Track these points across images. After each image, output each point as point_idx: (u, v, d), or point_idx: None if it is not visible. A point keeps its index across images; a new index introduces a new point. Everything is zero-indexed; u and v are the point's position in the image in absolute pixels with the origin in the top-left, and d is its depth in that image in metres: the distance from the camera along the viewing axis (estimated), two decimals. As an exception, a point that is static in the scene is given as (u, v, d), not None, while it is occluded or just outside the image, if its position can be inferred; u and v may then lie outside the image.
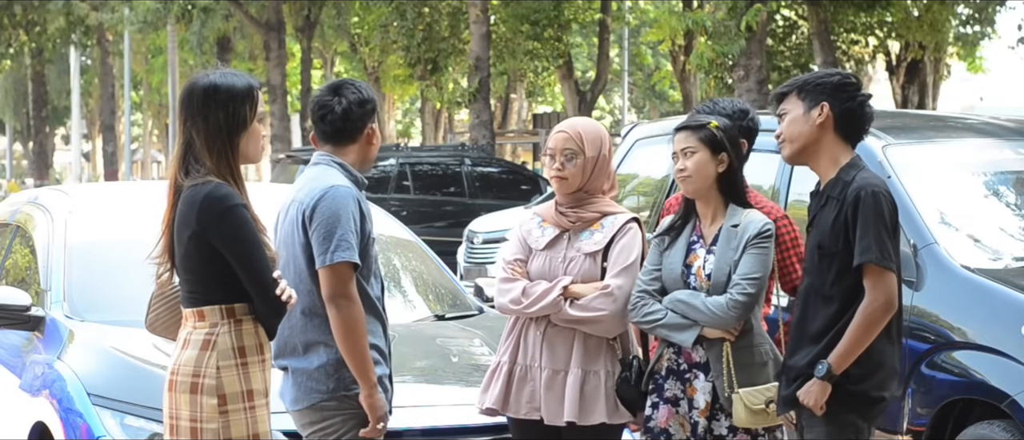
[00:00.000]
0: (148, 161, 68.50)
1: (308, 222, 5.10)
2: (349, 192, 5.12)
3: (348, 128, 5.24)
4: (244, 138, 4.71)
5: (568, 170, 5.41)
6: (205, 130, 4.66)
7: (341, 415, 5.13)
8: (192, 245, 4.63)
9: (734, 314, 5.20)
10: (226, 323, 4.65)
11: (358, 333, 5.04)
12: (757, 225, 5.28)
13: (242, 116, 4.70)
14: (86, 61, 52.30)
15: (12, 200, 8.44)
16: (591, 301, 5.31)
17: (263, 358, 4.72)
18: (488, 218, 18.12)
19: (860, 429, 4.99)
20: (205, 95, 4.69)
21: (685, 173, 5.33)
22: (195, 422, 4.64)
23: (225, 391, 4.62)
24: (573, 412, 5.30)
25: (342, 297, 5.04)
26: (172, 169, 4.72)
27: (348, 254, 5.03)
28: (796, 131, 5.08)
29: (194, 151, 4.67)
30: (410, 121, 62.71)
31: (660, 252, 5.40)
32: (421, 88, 31.42)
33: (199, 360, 4.64)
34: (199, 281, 4.68)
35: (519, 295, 5.37)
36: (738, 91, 20.11)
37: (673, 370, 5.37)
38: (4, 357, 6.91)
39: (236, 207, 4.59)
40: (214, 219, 4.58)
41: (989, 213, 7.11)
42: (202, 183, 4.62)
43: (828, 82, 5.08)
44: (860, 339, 4.89)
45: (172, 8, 32.64)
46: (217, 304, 4.65)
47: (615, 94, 53.51)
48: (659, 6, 35.80)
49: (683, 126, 5.41)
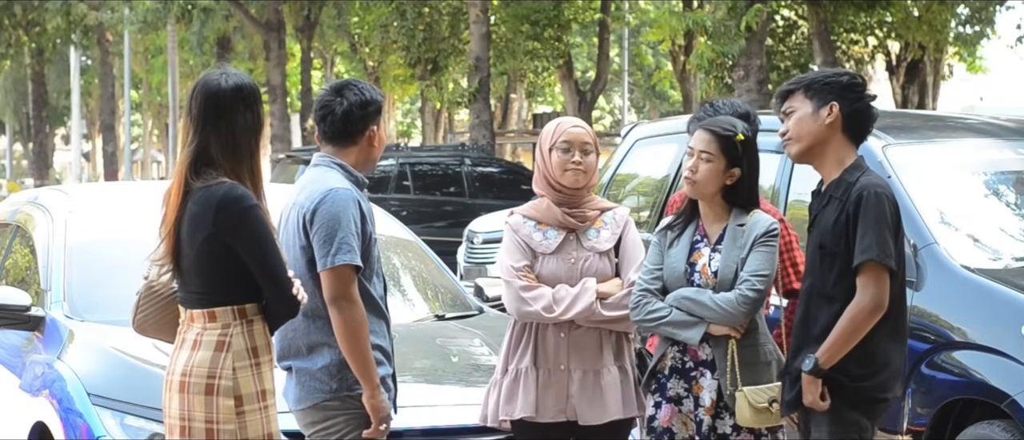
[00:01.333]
0: (148, 161, 68.48)
1: (309, 225, 5.10)
2: (349, 194, 5.12)
3: (348, 129, 5.24)
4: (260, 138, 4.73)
5: (586, 163, 5.43)
6: (232, 132, 4.62)
7: (344, 415, 5.14)
8: (206, 247, 4.61)
9: (744, 310, 5.20)
10: (239, 324, 4.64)
11: (360, 334, 5.05)
12: (764, 224, 5.29)
13: (262, 115, 4.72)
14: (86, 61, 52.28)
15: (12, 200, 8.44)
16: (623, 299, 5.35)
17: (271, 358, 4.73)
18: (488, 218, 18.11)
19: (864, 428, 4.99)
20: (234, 96, 4.64)
21: (693, 177, 5.33)
22: (211, 423, 4.61)
23: (241, 392, 4.61)
24: (618, 410, 5.35)
25: (344, 299, 5.04)
26: (182, 172, 4.65)
27: (349, 257, 5.03)
28: (804, 130, 5.06)
29: (210, 153, 4.62)
30: (410, 121, 62.71)
31: (661, 251, 5.40)
32: (421, 88, 31.41)
33: (214, 361, 4.61)
34: (211, 282, 4.65)
35: (550, 302, 5.34)
36: (738, 91, 20.10)
37: (677, 368, 5.37)
38: (4, 357, 6.91)
39: (254, 207, 4.60)
40: (232, 220, 4.57)
41: (989, 213, 7.11)
42: (216, 184, 4.59)
43: (837, 81, 5.06)
44: (846, 337, 4.88)
45: (172, 8, 32.62)
46: (230, 305, 4.64)
47: (615, 94, 53.52)
48: (659, 6, 35.84)
49: (707, 127, 5.38)
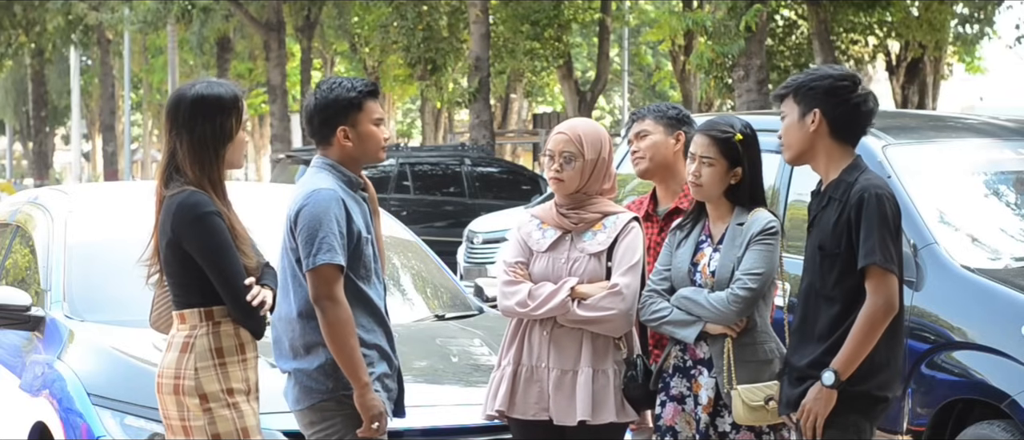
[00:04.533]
0: (148, 161, 68.40)
1: (294, 227, 5.14)
2: (331, 194, 5.12)
3: (319, 131, 5.25)
4: (229, 148, 4.81)
5: (566, 173, 5.41)
6: (190, 142, 4.80)
7: (341, 415, 5.14)
8: (169, 251, 4.81)
9: (734, 309, 5.21)
10: (204, 325, 4.81)
11: (345, 334, 5.05)
12: (761, 222, 5.29)
13: (228, 128, 4.84)
14: (86, 61, 52.30)
15: (12, 200, 8.44)
16: (600, 301, 5.31)
17: (244, 357, 4.86)
18: (488, 218, 18.13)
19: (863, 429, 4.99)
20: (193, 107, 4.81)
21: (698, 181, 5.34)
22: (184, 421, 4.81)
23: (205, 390, 4.78)
24: (585, 411, 5.31)
25: (326, 299, 5.05)
26: (156, 178, 4.86)
27: (329, 256, 5.04)
28: (792, 138, 5.06)
29: (177, 161, 4.80)
30: (410, 121, 62.69)
31: (670, 251, 5.42)
32: (421, 88, 31.40)
33: (179, 362, 4.81)
34: (179, 285, 4.84)
35: (525, 297, 5.36)
36: (738, 91, 20.10)
37: (679, 367, 5.39)
38: (4, 357, 6.91)
39: (207, 215, 4.75)
40: (186, 226, 4.74)
41: (989, 213, 7.10)
42: (178, 192, 4.77)
43: (819, 86, 5.00)
44: (863, 342, 4.88)
45: (172, 8, 32.64)
46: (196, 307, 4.81)
47: (615, 94, 53.51)
48: (659, 6, 35.85)
49: (705, 132, 5.40)
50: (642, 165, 5.80)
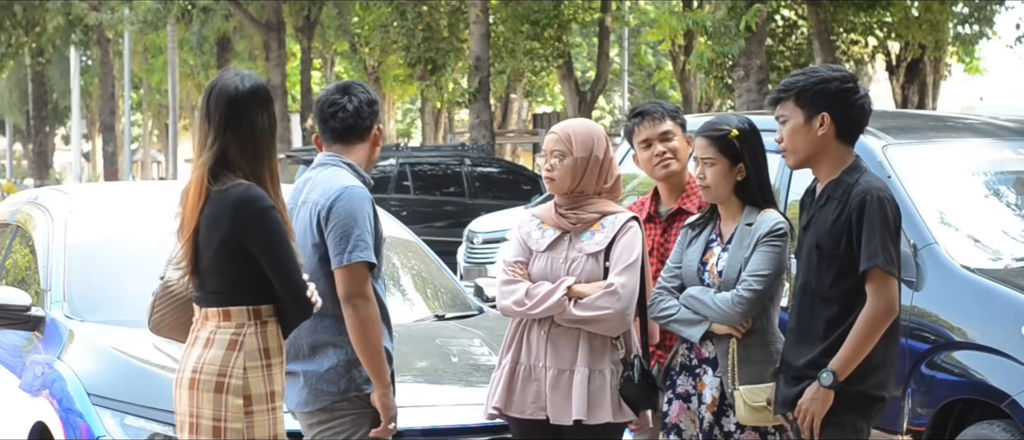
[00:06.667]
0: (148, 161, 68.49)
1: (324, 223, 5.11)
2: (364, 193, 5.16)
3: (359, 126, 5.29)
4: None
5: (557, 171, 5.43)
6: (252, 134, 4.64)
7: (350, 415, 5.15)
8: (222, 248, 4.62)
9: (739, 310, 5.22)
10: (252, 324, 4.65)
11: (375, 333, 5.07)
12: (770, 223, 5.30)
13: (276, 116, 4.73)
14: (86, 61, 52.30)
15: (12, 200, 8.45)
16: (596, 300, 5.31)
17: (282, 360, 4.73)
18: (488, 218, 18.14)
19: (859, 429, 4.99)
20: (252, 97, 4.65)
21: (704, 183, 5.37)
22: (219, 421, 4.61)
23: (251, 392, 4.62)
24: (581, 410, 5.31)
25: (359, 297, 5.06)
26: (202, 175, 4.64)
27: (366, 254, 5.06)
28: (798, 143, 5.01)
29: (229, 156, 4.62)
30: (410, 121, 62.71)
31: (682, 250, 5.43)
32: (421, 88, 31.44)
33: (226, 360, 4.62)
34: (227, 282, 4.66)
35: (522, 296, 5.37)
36: (738, 91, 20.11)
37: (685, 365, 5.43)
38: (4, 357, 6.91)
39: (269, 209, 4.60)
40: (248, 220, 4.58)
41: (989, 213, 7.10)
42: (232, 186, 4.60)
43: (827, 89, 4.97)
44: (862, 345, 4.87)
45: (172, 8, 32.65)
46: (244, 305, 4.65)
47: (615, 94, 53.51)
48: (659, 6, 35.82)
49: (703, 134, 5.41)
50: (673, 167, 5.76)
